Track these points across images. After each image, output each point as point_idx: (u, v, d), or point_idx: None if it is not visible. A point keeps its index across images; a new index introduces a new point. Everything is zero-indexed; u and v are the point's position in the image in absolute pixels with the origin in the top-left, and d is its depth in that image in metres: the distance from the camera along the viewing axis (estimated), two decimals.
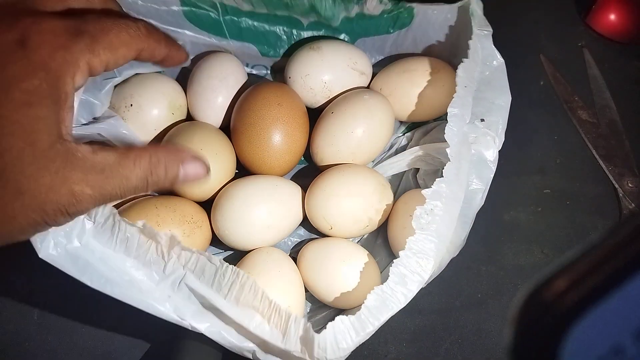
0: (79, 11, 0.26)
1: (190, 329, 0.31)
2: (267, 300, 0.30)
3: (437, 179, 0.33)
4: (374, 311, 0.30)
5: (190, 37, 0.42)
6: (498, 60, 0.37)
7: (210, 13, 0.41)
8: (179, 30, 0.41)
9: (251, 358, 0.32)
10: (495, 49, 0.37)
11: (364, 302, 0.30)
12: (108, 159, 0.24)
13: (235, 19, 0.42)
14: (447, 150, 0.33)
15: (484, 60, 0.37)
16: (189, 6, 0.40)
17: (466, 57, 0.42)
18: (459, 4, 0.39)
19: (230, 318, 0.30)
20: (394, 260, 0.31)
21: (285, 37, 0.44)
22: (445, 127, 0.33)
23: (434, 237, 0.31)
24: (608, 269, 0.12)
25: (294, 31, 0.44)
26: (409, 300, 0.31)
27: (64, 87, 0.24)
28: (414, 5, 0.40)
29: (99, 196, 0.24)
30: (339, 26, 0.43)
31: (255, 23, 0.42)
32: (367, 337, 0.31)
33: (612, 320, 0.12)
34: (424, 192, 0.32)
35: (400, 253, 0.31)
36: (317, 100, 0.43)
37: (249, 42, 0.44)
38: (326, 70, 0.42)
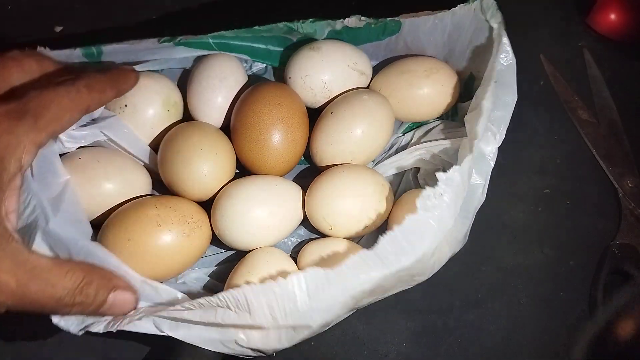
0: (21, 87, 0.27)
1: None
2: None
3: (454, 166, 0.31)
4: (353, 270, 0.30)
5: (182, 55, 0.43)
6: (509, 57, 0.37)
7: (200, 41, 0.41)
8: (170, 52, 0.42)
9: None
10: (509, 45, 0.37)
11: (344, 261, 0.29)
12: (41, 261, 0.24)
13: (225, 42, 0.42)
14: (475, 142, 0.33)
15: None
16: (181, 43, 0.41)
17: (466, 55, 0.42)
18: (472, 3, 0.39)
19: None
20: (386, 231, 0.30)
21: (276, 51, 0.45)
22: (480, 119, 0.33)
23: (434, 222, 0.30)
24: None
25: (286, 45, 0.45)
26: (390, 272, 0.30)
27: (7, 168, 0.25)
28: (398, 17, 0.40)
29: (20, 294, 0.24)
30: (328, 38, 0.43)
31: (245, 43, 0.43)
32: (343, 296, 0.30)
33: None
34: (439, 175, 0.31)
35: (395, 226, 0.30)
36: (317, 100, 0.43)
37: (242, 54, 0.44)
38: (326, 70, 0.42)
